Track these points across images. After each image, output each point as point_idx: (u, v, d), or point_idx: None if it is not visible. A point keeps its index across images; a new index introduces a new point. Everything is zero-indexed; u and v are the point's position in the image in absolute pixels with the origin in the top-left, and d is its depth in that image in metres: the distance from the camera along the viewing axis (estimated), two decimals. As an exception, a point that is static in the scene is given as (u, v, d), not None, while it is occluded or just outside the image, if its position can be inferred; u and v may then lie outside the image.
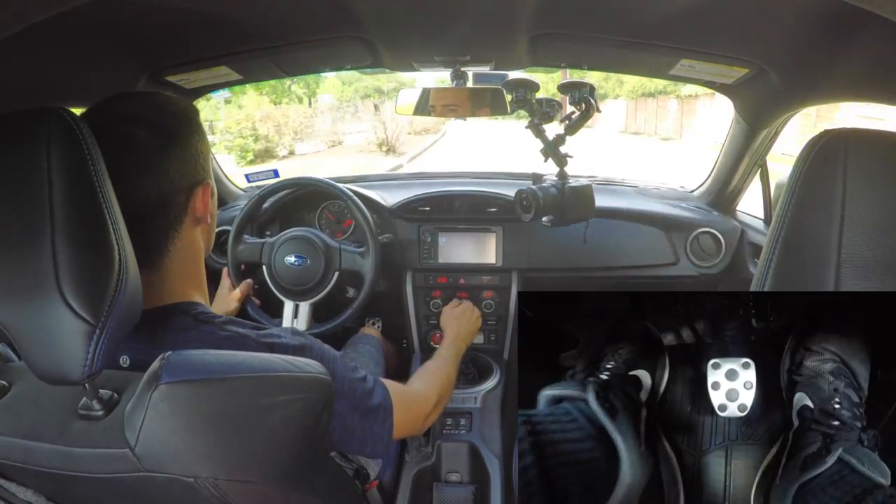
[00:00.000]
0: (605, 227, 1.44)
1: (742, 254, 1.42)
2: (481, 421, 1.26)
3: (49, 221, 0.44)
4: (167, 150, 0.61)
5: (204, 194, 0.65)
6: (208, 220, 0.67)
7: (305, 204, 1.55)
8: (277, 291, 1.27)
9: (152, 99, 0.65)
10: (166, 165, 0.61)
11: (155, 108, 0.63)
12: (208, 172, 0.67)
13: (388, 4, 0.84)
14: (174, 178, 0.62)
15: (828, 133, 0.53)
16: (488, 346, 1.49)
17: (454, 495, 1.16)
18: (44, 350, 0.45)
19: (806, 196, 0.53)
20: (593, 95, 1.14)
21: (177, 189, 0.62)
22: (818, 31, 0.78)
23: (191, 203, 0.64)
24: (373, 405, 0.70)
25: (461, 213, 1.45)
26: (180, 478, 0.50)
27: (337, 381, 0.64)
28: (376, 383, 0.73)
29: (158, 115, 0.62)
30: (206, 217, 0.66)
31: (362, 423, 0.68)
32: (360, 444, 0.69)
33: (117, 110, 0.61)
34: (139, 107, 0.62)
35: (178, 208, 0.63)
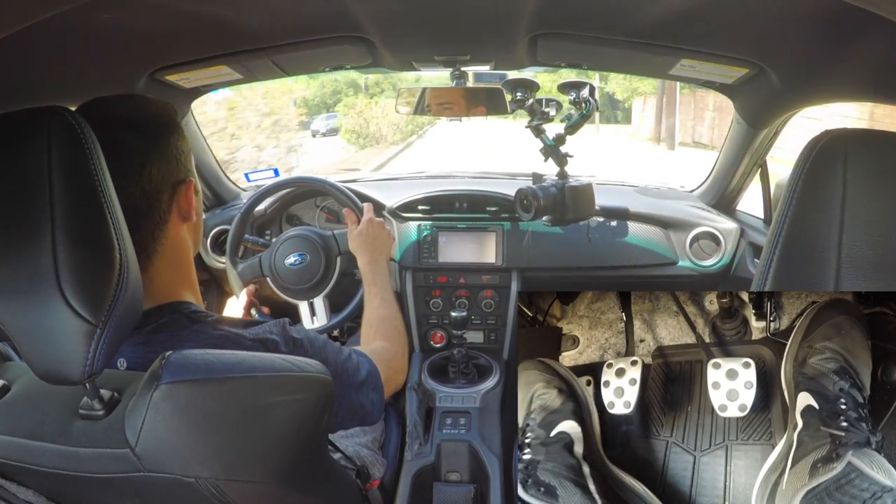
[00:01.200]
0: (605, 226, 1.45)
1: (742, 254, 1.42)
2: (480, 420, 1.26)
3: (50, 220, 0.44)
4: (149, 151, 0.62)
5: (187, 192, 0.66)
6: (194, 218, 0.68)
7: (306, 204, 1.56)
8: (288, 296, 1.27)
9: (132, 101, 0.66)
10: (149, 167, 0.62)
11: (135, 109, 0.64)
12: (190, 170, 0.68)
13: (388, 4, 0.84)
14: (157, 178, 0.62)
15: (828, 133, 0.53)
16: (488, 346, 1.49)
17: (454, 495, 1.16)
18: (44, 350, 0.45)
19: (806, 196, 0.53)
20: (594, 95, 1.14)
21: (160, 189, 0.63)
22: (818, 31, 0.78)
23: (175, 202, 0.65)
24: (363, 378, 0.73)
25: (461, 212, 1.45)
26: (181, 478, 0.50)
27: (330, 365, 0.65)
28: (358, 356, 0.76)
29: (139, 116, 0.63)
30: (191, 214, 0.67)
31: (359, 397, 0.72)
32: (361, 417, 0.73)
33: (98, 113, 0.59)
34: (120, 109, 0.63)
35: (163, 207, 0.64)
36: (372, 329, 0.97)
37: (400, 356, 0.92)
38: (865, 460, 0.50)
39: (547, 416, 0.63)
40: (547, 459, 0.59)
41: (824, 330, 0.59)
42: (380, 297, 1.04)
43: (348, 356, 0.73)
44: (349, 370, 0.72)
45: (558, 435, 0.62)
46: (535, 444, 0.61)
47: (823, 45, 0.81)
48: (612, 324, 0.79)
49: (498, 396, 1.32)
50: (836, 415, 0.54)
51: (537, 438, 0.61)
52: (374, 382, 0.75)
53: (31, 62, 0.75)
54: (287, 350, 0.63)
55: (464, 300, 1.48)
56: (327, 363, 0.64)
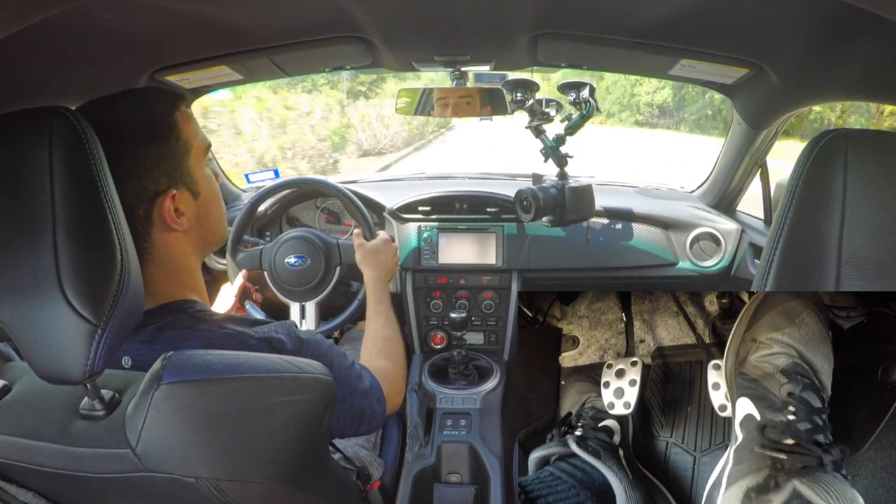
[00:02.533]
0: (605, 227, 1.45)
1: (742, 254, 1.42)
2: (481, 422, 1.25)
3: (51, 220, 0.44)
4: (122, 159, 0.57)
5: (170, 203, 0.62)
6: (185, 227, 0.64)
7: (306, 205, 1.56)
8: (281, 294, 1.27)
9: (115, 104, 0.61)
10: (120, 175, 0.54)
11: (116, 113, 0.60)
12: (177, 179, 0.63)
13: (388, 4, 0.84)
14: (127, 192, 0.58)
15: (828, 133, 0.53)
16: (488, 347, 1.49)
17: (454, 496, 1.16)
18: (45, 349, 0.45)
19: (807, 196, 0.53)
20: (593, 96, 1.14)
21: (133, 202, 0.59)
22: (818, 31, 0.78)
23: (155, 214, 0.62)
24: (366, 387, 0.73)
25: (461, 213, 1.45)
26: (181, 478, 0.50)
27: (334, 369, 0.66)
28: (361, 367, 0.76)
29: (119, 121, 0.59)
30: (179, 225, 0.63)
31: (361, 405, 0.72)
32: (361, 423, 0.73)
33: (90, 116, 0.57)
34: (109, 112, 0.60)
35: (140, 221, 0.60)
36: (376, 347, 0.96)
37: (400, 378, 0.92)
38: (817, 489, 0.40)
39: (596, 413, 0.69)
40: (594, 437, 0.65)
41: (772, 318, 0.49)
42: (384, 316, 1.03)
43: (352, 364, 0.74)
44: (353, 376, 0.72)
45: (604, 427, 0.68)
46: (586, 428, 0.67)
47: (823, 45, 0.81)
48: (612, 324, 0.79)
49: (498, 398, 1.32)
50: (779, 429, 0.44)
51: (588, 425, 0.68)
52: (377, 395, 0.75)
53: (31, 62, 0.75)
54: (293, 350, 0.62)
55: (464, 301, 1.48)
56: (332, 366, 0.63)
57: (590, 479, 0.60)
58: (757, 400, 0.47)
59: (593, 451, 0.62)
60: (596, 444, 0.64)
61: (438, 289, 1.48)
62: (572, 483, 0.61)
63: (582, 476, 0.61)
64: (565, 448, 0.64)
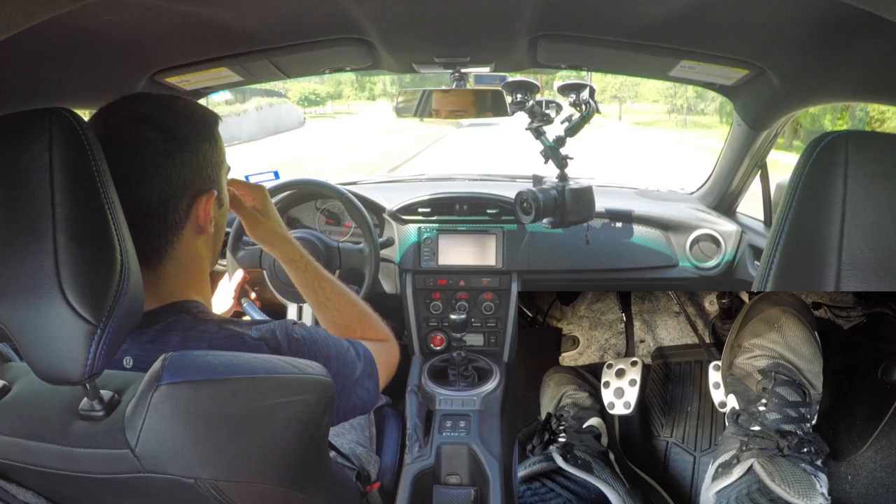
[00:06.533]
0: (605, 228, 1.45)
1: (742, 255, 1.42)
2: (480, 423, 1.25)
3: (51, 221, 0.44)
4: (173, 154, 0.60)
5: (207, 204, 0.64)
6: (211, 230, 0.66)
7: (305, 206, 1.56)
8: (280, 295, 1.28)
9: (165, 101, 0.64)
10: (170, 170, 0.60)
11: (166, 110, 0.62)
12: (216, 182, 0.66)
13: (388, 6, 0.84)
14: (177, 183, 0.61)
15: (829, 135, 0.53)
16: (488, 349, 1.49)
17: (454, 498, 1.16)
18: (45, 350, 0.45)
19: (807, 197, 0.53)
20: (593, 97, 1.14)
21: (179, 194, 0.62)
22: (818, 32, 0.78)
23: (193, 211, 0.64)
24: (362, 368, 0.73)
25: (461, 214, 1.45)
26: (181, 478, 0.50)
27: (332, 361, 0.65)
28: (356, 346, 0.74)
29: (169, 117, 0.61)
30: (208, 227, 0.65)
31: (358, 388, 0.71)
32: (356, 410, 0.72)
33: (129, 110, 0.61)
34: (151, 108, 0.62)
35: (179, 214, 0.62)
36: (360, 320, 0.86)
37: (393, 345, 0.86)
38: (769, 467, 0.48)
39: (578, 411, 0.69)
40: (580, 444, 0.64)
41: (753, 326, 0.57)
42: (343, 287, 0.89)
43: (346, 347, 0.72)
44: (350, 363, 0.71)
45: (589, 427, 0.67)
46: (570, 432, 0.66)
47: (823, 46, 0.81)
48: (612, 324, 0.79)
49: (498, 399, 1.32)
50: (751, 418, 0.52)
51: (571, 428, 0.67)
52: (370, 370, 0.74)
53: (31, 64, 0.75)
54: (288, 350, 0.62)
55: (464, 303, 1.48)
56: (329, 360, 0.64)
57: (585, 491, 0.60)
58: (738, 395, 0.56)
59: (583, 464, 0.61)
60: (584, 452, 0.63)
61: (438, 290, 1.48)
62: (567, 497, 0.60)
63: (576, 488, 0.60)
64: (551, 463, 0.62)
